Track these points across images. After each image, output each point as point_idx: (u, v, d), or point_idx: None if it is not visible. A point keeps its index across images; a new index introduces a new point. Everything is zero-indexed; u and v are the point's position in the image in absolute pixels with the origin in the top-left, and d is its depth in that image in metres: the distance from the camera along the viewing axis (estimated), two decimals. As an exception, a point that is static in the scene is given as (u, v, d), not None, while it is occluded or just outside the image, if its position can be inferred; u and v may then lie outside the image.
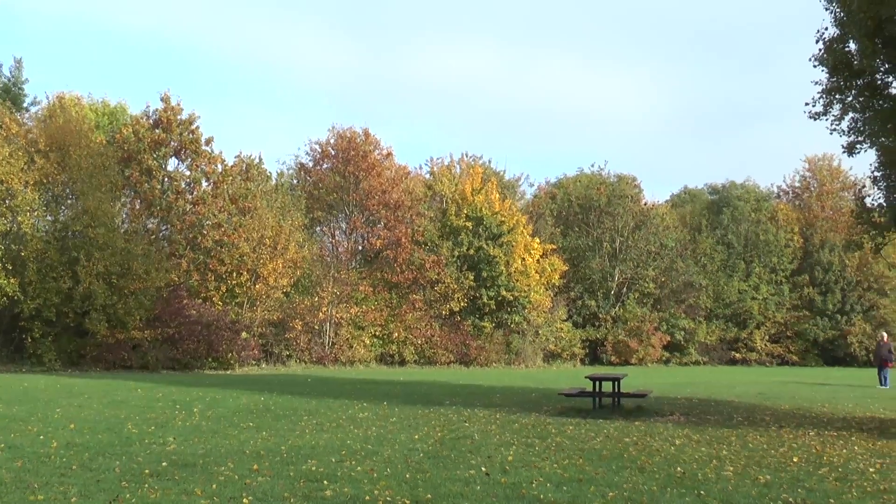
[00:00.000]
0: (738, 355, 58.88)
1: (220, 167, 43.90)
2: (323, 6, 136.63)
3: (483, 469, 11.37)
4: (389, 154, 51.18)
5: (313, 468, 11.15)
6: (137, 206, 42.30)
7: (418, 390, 26.10)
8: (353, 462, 11.77)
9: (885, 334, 36.76)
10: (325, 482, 10.18)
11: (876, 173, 19.47)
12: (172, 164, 43.88)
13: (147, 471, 10.62)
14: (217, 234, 41.25)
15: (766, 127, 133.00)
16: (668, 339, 55.64)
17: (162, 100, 43.13)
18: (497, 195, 52.10)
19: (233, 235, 41.07)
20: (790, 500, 9.70)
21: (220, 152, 44.29)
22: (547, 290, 52.18)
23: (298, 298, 44.82)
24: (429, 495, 9.61)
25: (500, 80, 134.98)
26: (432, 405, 20.77)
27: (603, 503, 9.41)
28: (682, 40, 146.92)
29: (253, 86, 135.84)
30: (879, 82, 18.76)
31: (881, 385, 31.82)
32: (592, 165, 63.75)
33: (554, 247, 54.19)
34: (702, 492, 10.07)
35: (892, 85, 18.74)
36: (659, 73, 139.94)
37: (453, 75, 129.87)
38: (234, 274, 41.21)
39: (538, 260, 51.83)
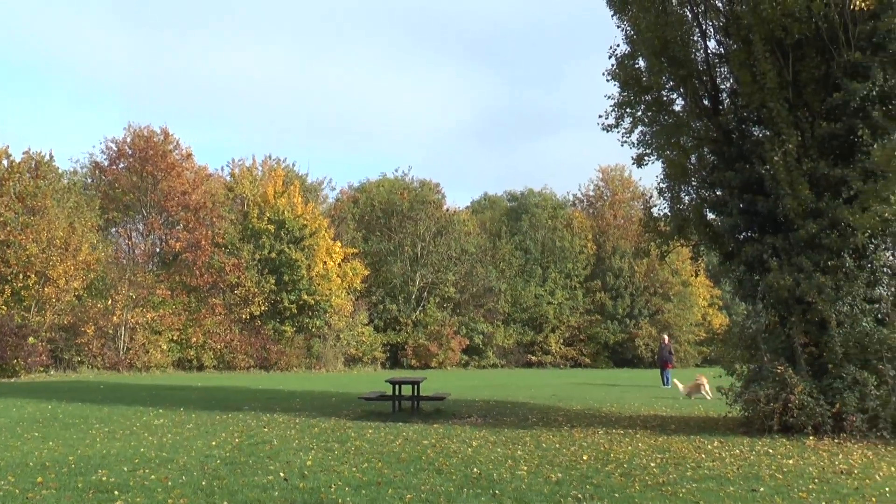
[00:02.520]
0: (534, 358, 60.60)
1: (5, 163, 41.60)
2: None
3: (282, 474, 11.28)
4: (189, 155, 49.98)
5: (104, 479, 10.75)
6: None
7: (216, 396, 25.59)
8: (147, 471, 11.43)
9: (666, 337, 38.78)
10: (116, 493, 9.85)
11: (662, 184, 20.53)
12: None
13: (-81, 486, 9.97)
14: (2, 233, 39.06)
15: (564, 137, 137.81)
16: (468, 342, 56.72)
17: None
18: (300, 198, 51.75)
19: (19, 236, 39.01)
20: (579, 496, 10.10)
21: (7, 146, 42.02)
22: (348, 294, 52.21)
23: (91, 302, 43.06)
24: (225, 502, 9.46)
25: (301, 82, 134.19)
26: (231, 410, 20.42)
27: (401, 506, 9.52)
28: (482, 48, 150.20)
29: (42, 81, 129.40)
30: (665, 98, 19.81)
31: (664, 385, 33.53)
32: (396, 170, 64.46)
33: (356, 251, 54.29)
34: (497, 491, 10.33)
35: (676, 101, 19.84)
36: (460, 80, 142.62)
37: (254, 76, 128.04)
38: (21, 276, 39.16)
39: (340, 264, 51.78)
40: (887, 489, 10.96)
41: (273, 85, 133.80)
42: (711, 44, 19.41)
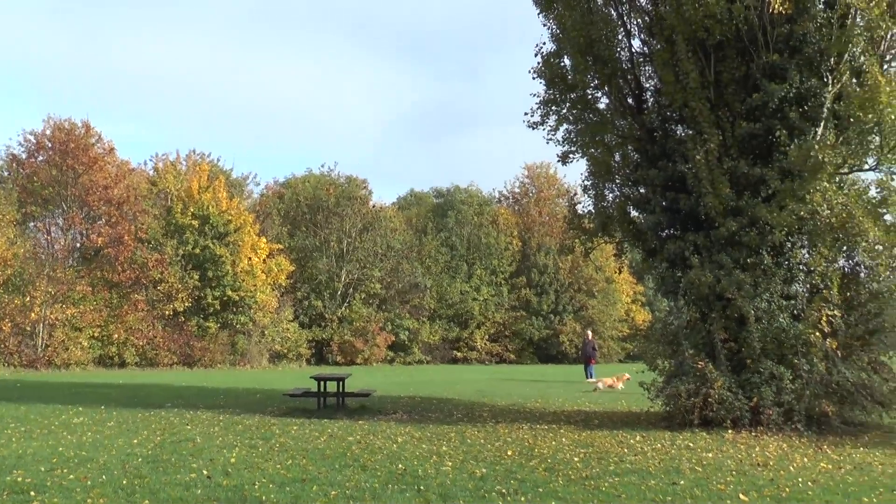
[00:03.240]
0: (459, 354, 60.76)
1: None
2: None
3: (205, 472, 11.15)
4: (112, 149, 48.96)
5: (19, 479, 10.52)
6: None
7: (139, 393, 25.19)
8: (65, 470, 11.20)
9: (590, 333, 39.18)
10: (33, 493, 9.65)
11: (586, 182, 20.75)
12: None
13: None
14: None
15: (490, 134, 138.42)
16: (393, 338, 56.63)
17: None
18: (224, 193, 51.12)
19: (-71, 230, 37.90)
20: (503, 491, 10.17)
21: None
22: (273, 290, 51.75)
23: (7, 298, 41.99)
24: (146, 501, 9.32)
25: (226, 77, 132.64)
26: (153, 408, 20.12)
27: (325, 502, 9.48)
28: (409, 44, 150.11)
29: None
30: (590, 97, 20.03)
31: (587, 379, 33.89)
32: (322, 166, 64.06)
33: (281, 247, 53.83)
34: (422, 487, 10.35)
35: (601, 100, 20.07)
36: (386, 77, 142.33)
37: (179, 71, 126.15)
38: (-69, 272, 38.05)
39: (265, 260, 51.29)
40: (800, 480, 11.25)
41: (197, 79, 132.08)
42: (636, 43, 19.70)
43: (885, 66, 17.00)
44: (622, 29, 19.47)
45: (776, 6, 15.91)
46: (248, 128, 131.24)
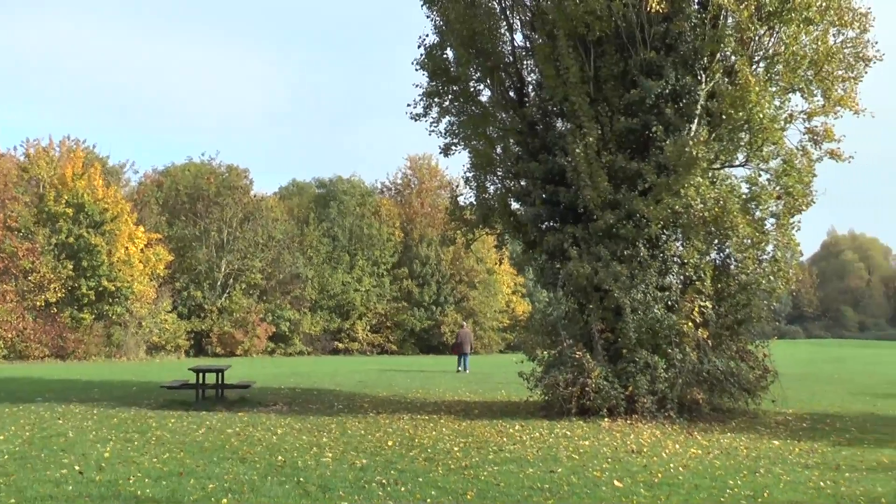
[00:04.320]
0: (340, 345, 60.44)
1: None
2: None
3: (77, 468, 10.86)
4: (-22, 133, 47.07)
5: None
6: None
7: (7, 387, 24.29)
8: (-75, 469, 10.76)
9: (464, 323, 39.51)
10: None
11: (468, 174, 20.92)
12: None
13: None
14: None
15: (374, 125, 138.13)
16: (274, 329, 56.01)
17: None
18: (100, 181, 49.59)
19: None
20: (383, 481, 10.21)
21: None
22: (151, 280, 50.54)
23: None
24: (13, 500, 9.02)
25: (103, 63, 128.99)
26: (22, 402, 19.48)
27: (202, 496, 9.35)
28: (293, 33, 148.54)
29: None
30: (472, 89, 20.21)
31: (464, 370, 34.26)
32: (203, 155, 62.68)
33: (160, 236, 52.58)
34: (301, 479, 10.31)
35: (483, 93, 20.26)
36: (270, 66, 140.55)
37: (51, 55, 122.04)
38: None
39: (143, 249, 50.03)
40: (672, 465, 11.63)
41: (72, 65, 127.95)
42: (518, 37, 19.96)
43: (755, 67, 17.61)
44: (505, 23, 19.71)
45: (653, 5, 16.31)
46: (125, 115, 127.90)
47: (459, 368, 34.54)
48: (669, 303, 17.31)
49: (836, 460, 12.38)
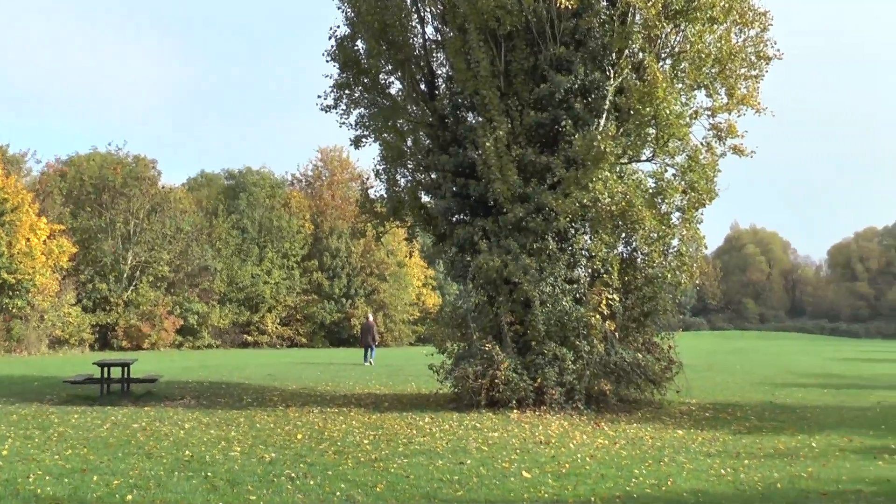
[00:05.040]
0: (250, 338, 59.78)
1: None
2: None
3: (-27, 466, 10.55)
4: None
5: None
6: None
7: None
8: None
9: (370, 316, 39.50)
10: None
11: (378, 167, 20.89)
12: None
13: None
14: None
15: (285, 116, 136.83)
16: (182, 322, 55.09)
17: None
18: (0, 170, 48.15)
19: None
20: (292, 475, 10.16)
21: None
22: (54, 272, 49.23)
23: None
24: None
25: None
26: (-85, 399, 18.82)
27: (106, 493, 9.17)
28: (199, 21, 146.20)
29: None
30: (383, 82, 20.17)
31: (369, 363, 34.26)
32: (109, 144, 61.27)
33: (63, 227, 51.23)
34: (209, 473, 10.19)
35: (394, 85, 20.23)
36: (177, 55, 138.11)
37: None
38: None
39: (45, 241, 48.69)
40: (579, 455, 11.82)
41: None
42: (429, 30, 19.98)
43: (662, 64, 17.95)
44: (416, 15, 19.71)
45: (563, 1, 16.49)
46: (25, 105, 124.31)
47: (367, 362, 34.49)
48: (577, 295, 17.54)
49: (736, 448, 12.75)
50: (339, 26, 20.21)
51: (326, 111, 20.46)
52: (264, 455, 11.57)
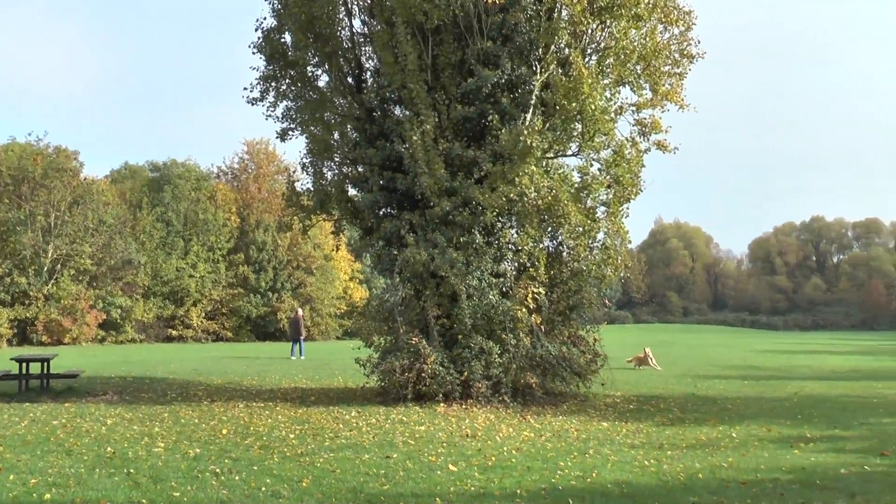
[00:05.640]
0: (174, 332, 59.06)
1: None
2: None
3: None
4: None
5: None
6: None
7: None
8: None
9: (299, 310, 39.40)
10: None
11: (305, 160, 20.76)
12: None
13: None
14: None
15: (211, 108, 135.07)
16: (105, 317, 54.14)
17: None
18: None
19: None
20: (217, 470, 10.05)
21: None
22: (-31, 267, 48.07)
23: None
24: None
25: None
26: None
27: (23, 492, 8.96)
28: (122, 10, 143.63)
29: None
30: (310, 74, 20.05)
31: (299, 357, 34.16)
32: (29, 135, 59.63)
33: (-21, 220, 50.06)
34: (132, 470, 10.03)
35: (321, 78, 20.12)
36: (101, 45, 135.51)
37: None
38: None
39: (-40, 234, 47.53)
40: (505, 448, 11.90)
41: None
42: (357, 23, 19.92)
43: (587, 59, 18.14)
44: (343, 8, 19.62)
45: (490, -5, 16.58)
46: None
47: (293, 356, 34.39)
48: (504, 289, 17.65)
49: (659, 439, 12.96)
50: (265, 18, 20.05)
51: (253, 104, 20.28)
52: (188, 451, 11.43)
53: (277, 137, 20.92)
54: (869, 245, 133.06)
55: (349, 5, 19.68)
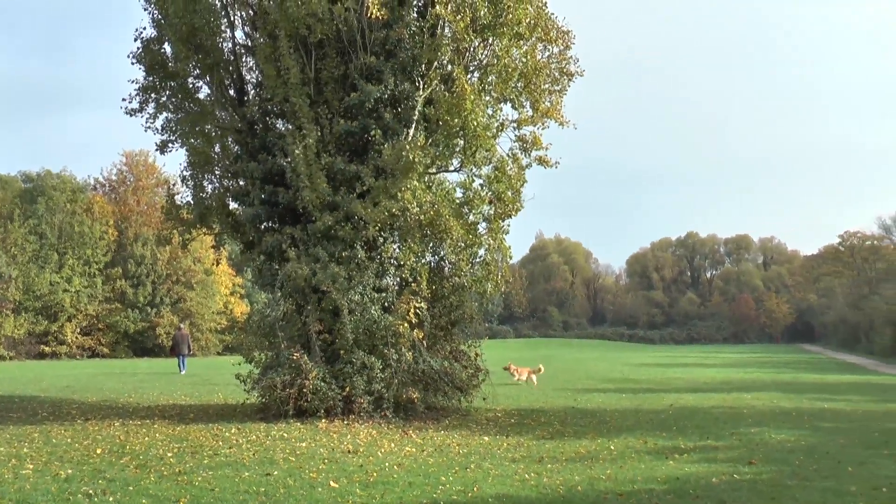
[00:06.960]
0: (47, 349, 57.19)
1: None
2: None
3: None
4: None
5: None
6: None
7: None
8: None
9: (182, 325, 38.80)
10: None
11: (185, 172, 20.41)
12: None
13: None
14: None
15: (87, 118, 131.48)
16: (-30, 334, 52.15)
17: None
18: None
19: None
20: (90, 491, 9.78)
21: None
22: None
23: None
24: None
25: None
26: None
27: None
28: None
29: None
30: (191, 86, 19.74)
31: (181, 371, 33.67)
32: None
33: None
34: (-3, 494, 9.69)
35: (202, 90, 19.82)
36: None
37: None
38: None
39: None
40: (387, 464, 11.90)
41: None
42: (239, 35, 19.70)
43: (470, 76, 18.34)
44: (226, 20, 19.40)
45: (373, 11, 16.63)
46: None
47: (183, 371, 33.93)
48: (386, 304, 17.67)
49: (539, 453, 13.16)
50: (145, 28, 19.64)
51: (131, 115, 19.82)
52: (60, 472, 11.07)
53: (157, 150, 20.54)
54: (739, 261, 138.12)
55: (231, 17, 19.46)
